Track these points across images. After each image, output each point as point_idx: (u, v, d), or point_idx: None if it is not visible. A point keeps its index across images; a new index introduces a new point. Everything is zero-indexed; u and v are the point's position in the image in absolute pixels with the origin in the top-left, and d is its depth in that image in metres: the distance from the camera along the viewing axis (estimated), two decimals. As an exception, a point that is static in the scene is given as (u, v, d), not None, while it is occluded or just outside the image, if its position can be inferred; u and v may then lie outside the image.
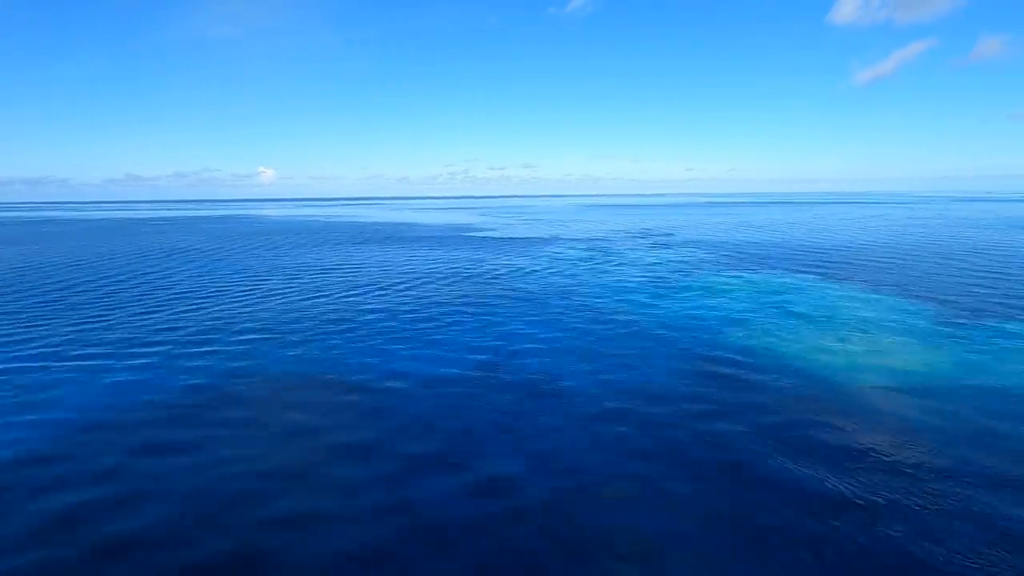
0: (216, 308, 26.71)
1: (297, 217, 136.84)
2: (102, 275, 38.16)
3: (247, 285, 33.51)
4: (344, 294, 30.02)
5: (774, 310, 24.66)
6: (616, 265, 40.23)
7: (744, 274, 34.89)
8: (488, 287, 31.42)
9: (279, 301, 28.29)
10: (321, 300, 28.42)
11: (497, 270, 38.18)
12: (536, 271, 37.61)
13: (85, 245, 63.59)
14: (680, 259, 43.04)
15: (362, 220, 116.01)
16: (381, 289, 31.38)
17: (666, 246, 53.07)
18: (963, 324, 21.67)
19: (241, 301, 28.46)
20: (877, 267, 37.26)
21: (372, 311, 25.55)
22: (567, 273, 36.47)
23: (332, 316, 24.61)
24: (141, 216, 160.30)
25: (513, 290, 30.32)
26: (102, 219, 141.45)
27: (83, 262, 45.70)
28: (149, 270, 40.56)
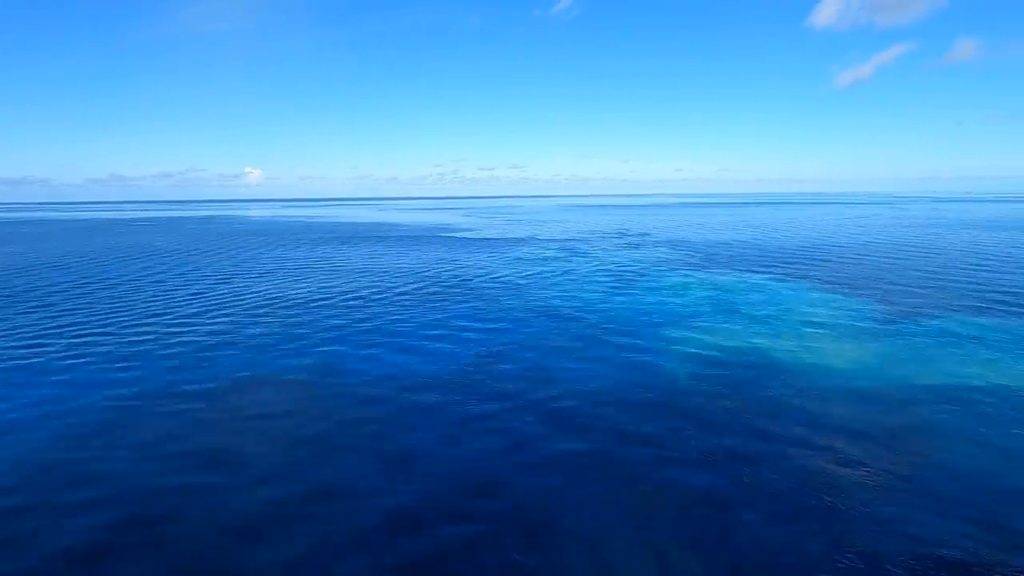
0: (161, 311, 26.64)
1: (278, 218, 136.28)
2: (51, 280, 37.89)
3: (201, 288, 33.40)
4: (295, 294, 30.02)
5: (715, 308, 24.96)
6: (576, 264, 40.45)
7: (700, 273, 35.23)
8: (443, 286, 31.51)
9: (231, 304, 28.25)
10: (272, 301, 28.41)
11: (459, 270, 38.28)
12: (497, 270, 37.74)
13: (50, 247, 62.98)
14: (643, 259, 43.34)
15: (341, 220, 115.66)
16: (328, 291, 31.40)
17: (635, 246, 53.40)
18: (898, 322, 22.07)
19: (194, 304, 28.39)
20: (830, 265, 37.74)
21: (319, 311, 25.57)
22: (526, 273, 36.63)
23: (273, 316, 24.62)
24: (123, 217, 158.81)
25: (469, 289, 30.43)
26: (80, 220, 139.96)
27: (38, 266, 45.33)
28: (115, 273, 40.29)
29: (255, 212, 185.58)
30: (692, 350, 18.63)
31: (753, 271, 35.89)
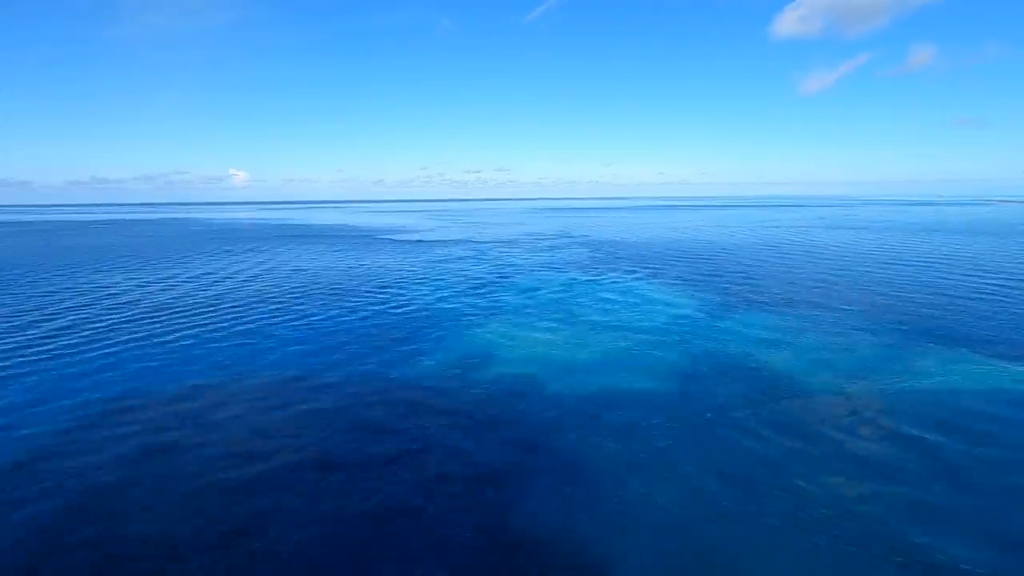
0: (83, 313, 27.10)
1: (236, 220, 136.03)
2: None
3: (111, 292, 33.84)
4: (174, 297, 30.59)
5: (543, 306, 25.83)
6: (466, 266, 41.31)
7: (572, 273, 36.18)
8: (321, 286, 32.24)
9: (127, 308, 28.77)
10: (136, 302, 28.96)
11: (359, 269, 39.02)
12: (385, 270, 38.51)
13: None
14: (541, 261, 44.33)
15: (297, 223, 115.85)
16: (200, 295, 32.00)
17: (554, 248, 54.29)
18: (722, 314, 23.17)
19: (98, 309, 28.87)
20: (701, 265, 38.88)
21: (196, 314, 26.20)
22: (408, 272, 37.41)
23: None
24: (79, 219, 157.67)
25: (337, 287, 31.17)
26: (31, 222, 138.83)
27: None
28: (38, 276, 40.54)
29: (224, 215, 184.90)
30: (477, 348, 19.53)
31: (625, 271, 36.91)
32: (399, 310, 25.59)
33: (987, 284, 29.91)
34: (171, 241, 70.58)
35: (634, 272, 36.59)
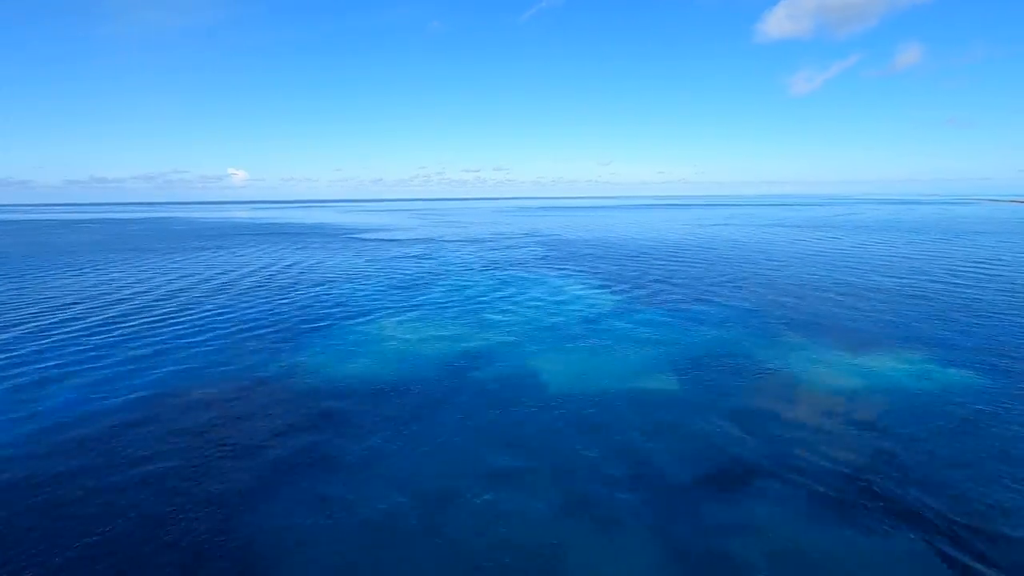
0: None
1: (224, 219, 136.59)
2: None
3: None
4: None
5: (455, 302, 26.78)
6: (410, 263, 42.21)
7: (510, 271, 37.07)
8: (242, 284, 33.11)
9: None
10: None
11: (299, 267, 39.91)
12: (332, 268, 39.40)
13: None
14: (489, 259, 45.24)
15: (280, 221, 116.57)
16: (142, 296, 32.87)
17: (509, 247, 55.00)
18: (635, 309, 24.15)
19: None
20: (637, 263, 39.87)
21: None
22: (351, 271, 38.32)
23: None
24: (70, 218, 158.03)
25: (258, 285, 32.06)
26: (25, 221, 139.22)
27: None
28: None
29: (215, 214, 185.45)
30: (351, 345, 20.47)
31: (561, 269, 37.84)
32: (301, 307, 26.31)
33: (881, 281, 30.93)
34: (123, 240, 71.33)
35: (559, 269, 37.52)
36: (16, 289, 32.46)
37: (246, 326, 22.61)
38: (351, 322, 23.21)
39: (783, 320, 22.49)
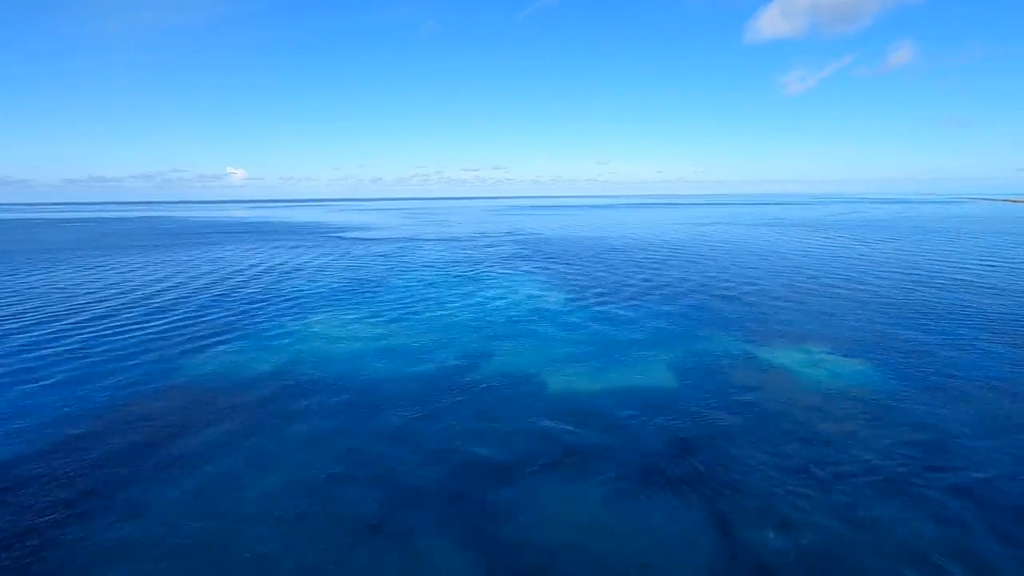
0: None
1: (212, 218, 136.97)
2: None
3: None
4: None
5: (398, 300, 27.14)
6: (372, 262, 42.55)
7: (466, 269, 37.49)
8: (194, 282, 33.50)
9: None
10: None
11: (260, 266, 40.29)
12: (290, 266, 39.77)
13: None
14: (456, 257, 45.60)
15: (270, 220, 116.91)
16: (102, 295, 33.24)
17: (491, 245, 55.26)
18: (589, 306, 24.52)
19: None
20: (594, 260, 40.25)
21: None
22: (307, 269, 38.71)
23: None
24: (58, 217, 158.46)
25: (211, 284, 32.44)
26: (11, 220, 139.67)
27: None
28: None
29: (207, 213, 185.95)
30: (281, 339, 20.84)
31: (513, 268, 38.21)
32: (243, 304, 26.65)
33: (809, 281, 31.29)
34: (98, 240, 71.70)
35: (523, 268, 37.85)
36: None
37: (160, 329, 22.26)
38: (268, 323, 23.19)
39: (693, 317, 22.84)
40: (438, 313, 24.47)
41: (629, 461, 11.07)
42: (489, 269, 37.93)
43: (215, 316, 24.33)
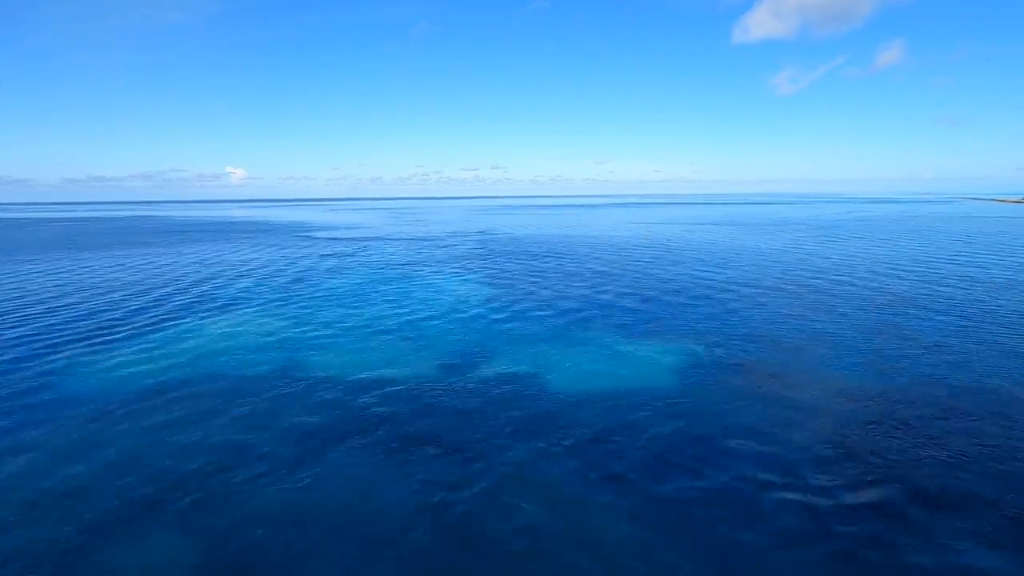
0: None
1: (199, 218, 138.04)
2: None
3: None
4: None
5: (354, 299, 27.94)
6: (329, 261, 43.38)
7: (407, 268, 38.30)
8: (150, 281, 34.39)
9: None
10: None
11: (217, 265, 41.19)
12: (245, 265, 40.65)
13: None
14: (416, 258, 46.42)
15: (256, 219, 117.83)
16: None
17: (448, 246, 56.00)
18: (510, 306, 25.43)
19: None
20: (544, 258, 41.02)
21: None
22: (258, 267, 39.56)
23: None
24: (49, 216, 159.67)
25: (171, 287, 33.33)
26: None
27: None
28: None
29: (200, 213, 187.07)
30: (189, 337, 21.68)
31: (462, 268, 39.00)
32: (140, 304, 27.11)
33: (724, 280, 32.00)
34: (73, 239, 72.70)
35: (469, 269, 38.63)
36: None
37: (79, 330, 22.37)
38: (152, 325, 23.37)
39: (586, 317, 23.63)
40: (339, 311, 25.00)
41: (407, 434, 11.92)
42: (428, 268, 38.69)
43: (104, 317, 24.26)
